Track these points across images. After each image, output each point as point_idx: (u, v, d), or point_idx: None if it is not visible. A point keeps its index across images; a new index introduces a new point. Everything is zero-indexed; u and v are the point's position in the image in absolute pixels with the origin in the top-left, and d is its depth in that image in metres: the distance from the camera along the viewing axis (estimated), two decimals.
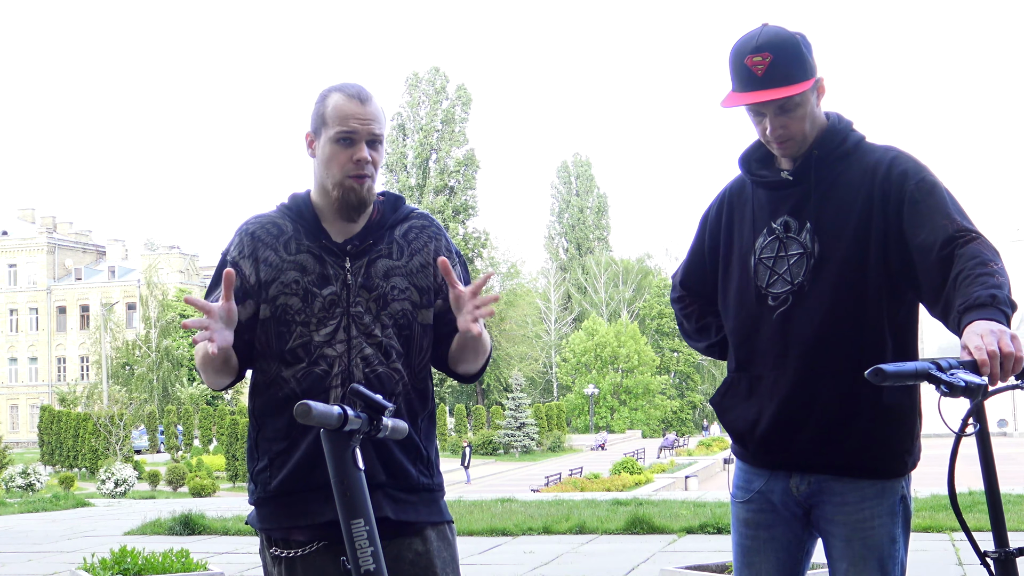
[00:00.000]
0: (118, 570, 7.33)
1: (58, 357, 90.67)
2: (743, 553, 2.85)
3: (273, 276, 2.71)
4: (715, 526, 11.08)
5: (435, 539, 2.72)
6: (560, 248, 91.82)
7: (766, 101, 2.64)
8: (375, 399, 2.32)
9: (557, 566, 9.34)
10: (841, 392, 2.66)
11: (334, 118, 2.67)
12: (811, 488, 2.74)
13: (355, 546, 2.27)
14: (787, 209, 2.75)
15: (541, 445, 56.51)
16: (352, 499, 2.28)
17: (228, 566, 9.41)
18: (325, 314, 2.68)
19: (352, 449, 2.28)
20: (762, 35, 2.66)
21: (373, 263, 2.72)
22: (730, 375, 2.87)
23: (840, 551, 2.72)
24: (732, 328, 2.84)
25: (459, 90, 75.04)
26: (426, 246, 2.78)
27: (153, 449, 53.74)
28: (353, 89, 2.70)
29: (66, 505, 19.87)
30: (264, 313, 2.72)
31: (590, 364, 74.74)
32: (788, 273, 2.72)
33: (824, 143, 2.73)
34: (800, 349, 2.69)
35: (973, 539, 2.39)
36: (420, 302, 2.74)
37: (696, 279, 2.98)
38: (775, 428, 2.72)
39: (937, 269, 2.53)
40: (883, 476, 2.71)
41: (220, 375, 2.72)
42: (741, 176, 2.89)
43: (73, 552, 11.03)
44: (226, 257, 2.79)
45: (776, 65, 2.63)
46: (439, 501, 2.78)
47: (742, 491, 2.86)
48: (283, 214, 2.79)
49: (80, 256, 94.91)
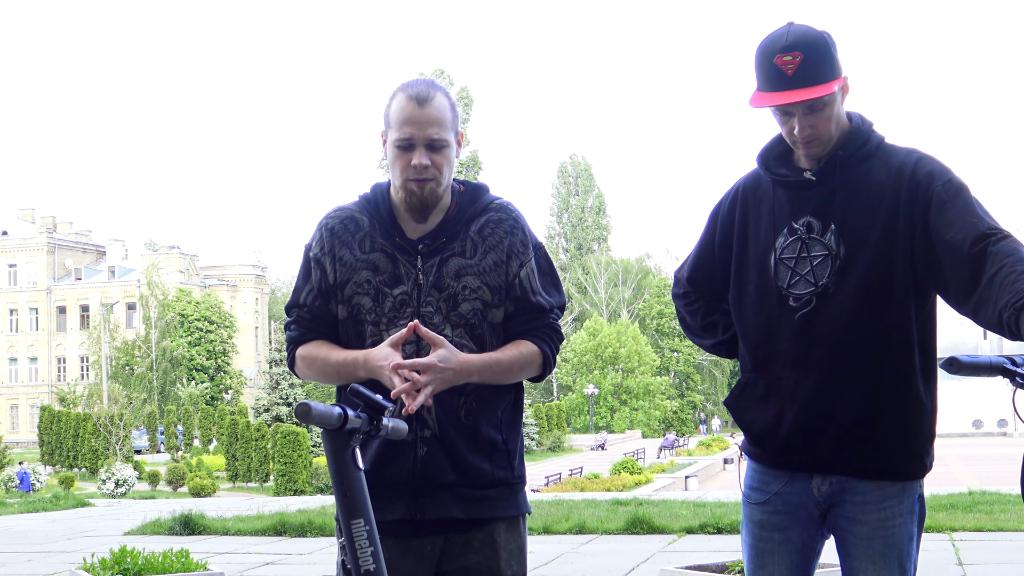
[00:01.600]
0: (118, 570, 7.32)
1: (58, 357, 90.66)
2: (756, 554, 2.83)
3: (347, 276, 2.74)
4: (715, 526, 11.07)
5: (504, 530, 2.72)
6: (560, 248, 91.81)
7: (797, 101, 2.60)
8: (375, 399, 2.31)
9: (557, 566, 9.33)
10: (866, 394, 2.66)
11: (395, 121, 2.66)
12: (832, 488, 2.73)
13: (355, 546, 2.27)
14: (810, 210, 2.72)
15: (541, 445, 56.47)
16: (352, 499, 2.28)
17: (228, 566, 9.39)
18: (395, 314, 2.69)
19: (352, 449, 2.28)
20: (791, 34, 2.63)
21: (445, 262, 2.71)
22: (746, 375, 2.84)
23: (860, 549, 2.71)
24: (750, 328, 2.80)
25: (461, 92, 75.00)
26: (501, 242, 2.75)
27: (153, 449, 53.77)
28: (415, 89, 2.66)
29: (66, 505, 19.86)
30: (342, 313, 2.75)
31: (591, 364, 74.72)
32: (811, 274, 2.69)
33: (848, 144, 2.71)
34: (824, 351, 2.67)
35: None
36: (491, 301, 2.73)
37: (704, 275, 2.94)
38: (798, 430, 2.71)
39: (968, 266, 2.52)
40: (904, 477, 2.72)
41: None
42: (755, 172, 2.86)
43: (73, 552, 11.02)
44: (309, 252, 2.81)
45: (806, 64, 2.60)
46: (519, 494, 2.77)
47: (758, 492, 2.83)
48: (362, 207, 2.79)
49: (80, 256, 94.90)
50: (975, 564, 8.57)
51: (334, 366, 2.71)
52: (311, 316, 2.77)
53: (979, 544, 9.64)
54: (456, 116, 2.71)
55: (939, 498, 13.54)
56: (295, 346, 2.80)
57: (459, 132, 2.72)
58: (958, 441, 56.85)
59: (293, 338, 2.81)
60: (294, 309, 2.81)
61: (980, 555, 8.99)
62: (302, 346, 2.78)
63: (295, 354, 2.81)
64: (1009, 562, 8.43)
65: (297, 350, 2.80)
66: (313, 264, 2.79)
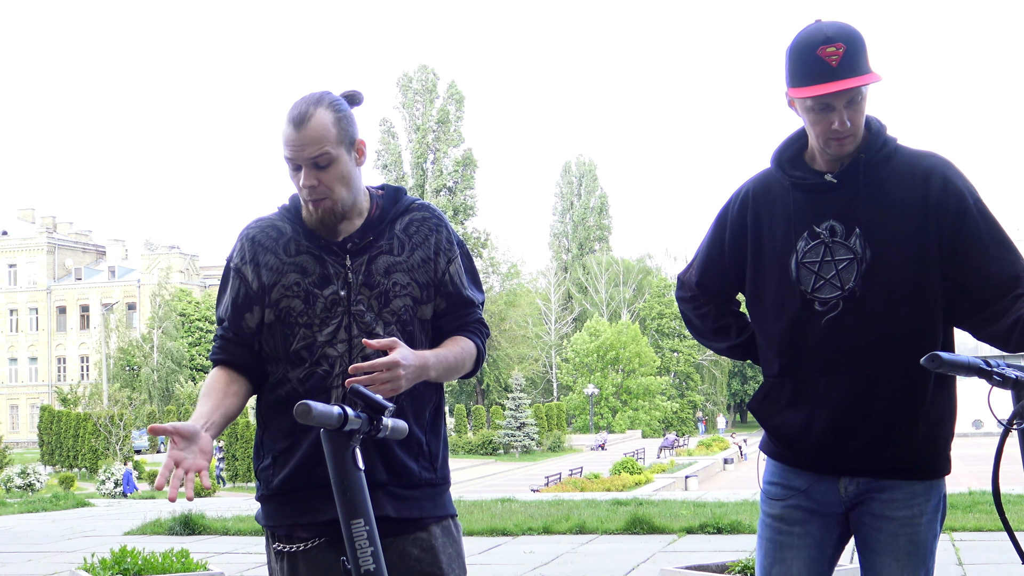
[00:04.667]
0: (118, 570, 7.32)
1: (58, 357, 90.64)
2: (775, 547, 2.80)
3: (274, 280, 2.71)
4: (715, 526, 11.07)
5: (440, 534, 2.72)
6: (562, 248, 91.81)
7: (846, 90, 2.57)
8: (375, 399, 2.31)
9: (557, 566, 9.34)
10: (899, 396, 2.66)
11: (281, 143, 2.67)
12: (860, 488, 2.73)
13: (355, 546, 2.27)
14: (833, 213, 2.70)
15: (541, 445, 56.49)
16: (352, 499, 2.27)
17: (228, 566, 9.40)
18: (327, 314, 2.68)
19: (352, 449, 2.28)
20: (830, 27, 2.61)
21: (374, 260, 2.71)
22: (770, 379, 2.82)
23: (885, 546, 2.71)
24: (772, 332, 2.78)
25: (450, 88, 74.92)
26: (427, 240, 2.77)
27: (153, 449, 53.73)
28: (295, 111, 2.64)
29: (66, 505, 19.85)
30: (268, 317, 2.72)
31: (592, 365, 74.70)
32: (837, 278, 2.68)
33: (869, 147, 2.70)
34: (854, 355, 2.67)
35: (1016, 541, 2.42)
36: (421, 297, 2.73)
37: (714, 278, 2.92)
38: (830, 434, 2.70)
39: (994, 298, 2.63)
40: (932, 475, 2.74)
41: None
42: (764, 174, 2.84)
43: (73, 552, 11.03)
44: (230, 264, 2.80)
45: (850, 55, 2.58)
46: (443, 496, 2.77)
47: (778, 489, 2.81)
48: (283, 216, 2.79)
49: (80, 256, 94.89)
50: (975, 564, 8.57)
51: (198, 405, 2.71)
52: (232, 334, 2.77)
53: (979, 544, 9.64)
54: (346, 126, 2.66)
55: None
56: (213, 366, 2.80)
57: (356, 140, 2.69)
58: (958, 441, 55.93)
59: (211, 359, 2.81)
60: (218, 327, 2.83)
61: (980, 555, 8.99)
62: (214, 368, 2.78)
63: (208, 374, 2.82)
64: (1009, 562, 8.41)
65: (211, 371, 2.81)
66: (232, 275, 2.77)
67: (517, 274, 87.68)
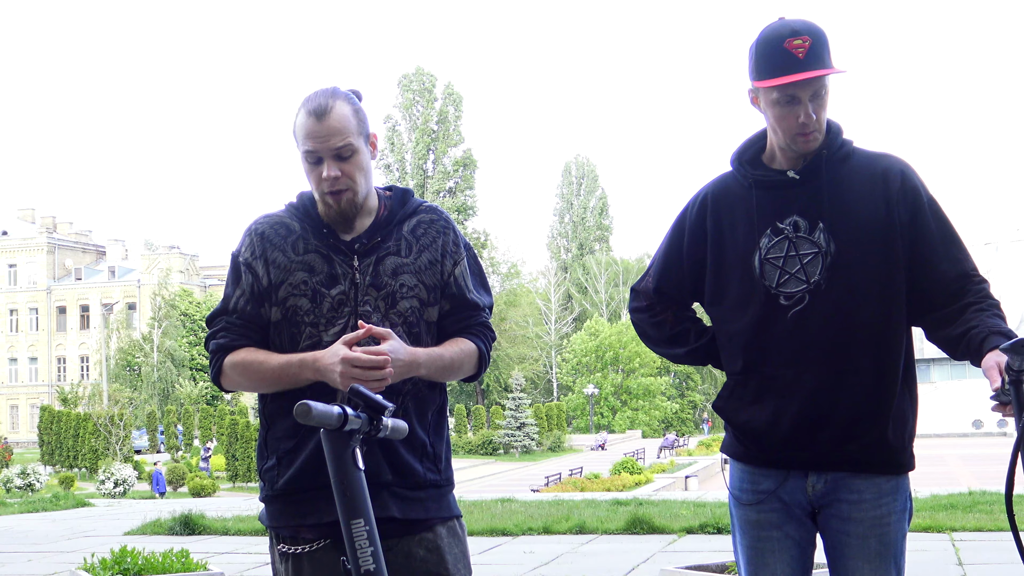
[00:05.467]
0: (118, 570, 7.32)
1: (58, 357, 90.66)
2: (757, 554, 2.81)
3: (282, 278, 2.70)
4: (715, 526, 11.07)
5: (445, 535, 2.72)
6: (562, 248, 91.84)
7: (806, 81, 2.62)
8: (375, 399, 2.31)
9: (557, 566, 9.34)
10: (866, 389, 2.69)
11: (300, 137, 2.67)
12: (827, 487, 2.74)
13: (355, 546, 2.27)
14: (796, 209, 2.74)
15: (541, 445, 56.48)
16: (352, 499, 2.27)
17: (228, 566, 9.40)
18: (334, 314, 2.67)
19: (352, 449, 2.28)
20: (795, 22, 2.67)
21: (381, 261, 2.71)
22: (734, 377, 2.84)
23: (855, 549, 2.72)
24: (737, 330, 2.80)
25: (447, 89, 74.96)
26: (434, 242, 2.77)
27: (153, 449, 53.72)
28: (314, 103, 2.65)
29: (66, 505, 19.86)
30: (275, 316, 2.71)
31: (591, 365, 74.71)
32: (802, 272, 2.71)
33: (830, 144, 2.76)
34: (821, 348, 2.69)
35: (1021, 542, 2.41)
36: (428, 299, 2.74)
37: (672, 284, 2.95)
38: (798, 427, 2.71)
39: (944, 296, 2.69)
40: (898, 471, 2.75)
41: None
42: (723, 177, 2.89)
43: (73, 552, 11.03)
44: (238, 258, 2.78)
45: (815, 48, 2.64)
46: (448, 496, 2.78)
47: (748, 493, 2.82)
48: (291, 213, 2.78)
49: (80, 256, 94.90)
50: (975, 564, 8.56)
51: (274, 370, 2.64)
52: (242, 322, 2.71)
53: (979, 544, 9.63)
54: (363, 120, 2.70)
55: (939, 498, 13.54)
56: (224, 354, 2.72)
57: (371, 134, 2.72)
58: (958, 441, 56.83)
59: (222, 346, 2.72)
60: (221, 317, 2.75)
61: (980, 555, 8.99)
62: (232, 353, 2.71)
63: (223, 362, 2.72)
64: (1009, 562, 8.41)
65: (226, 358, 2.71)
66: (244, 269, 2.74)
67: (517, 274, 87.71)
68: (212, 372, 2.77)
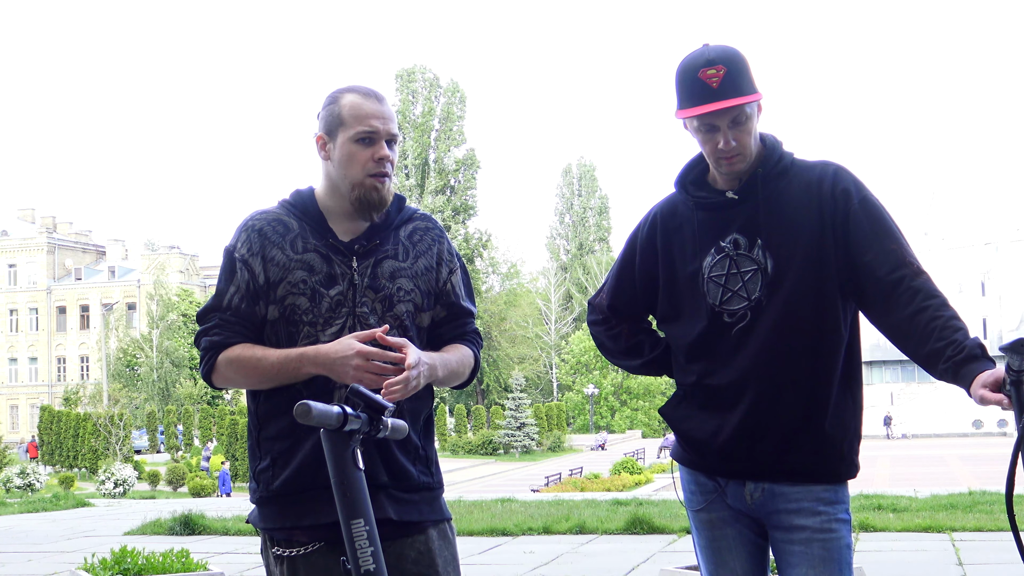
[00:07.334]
0: (118, 570, 7.32)
1: (58, 357, 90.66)
2: (714, 552, 2.88)
3: (281, 276, 2.69)
4: None
5: (436, 538, 2.73)
6: (562, 248, 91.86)
7: (722, 111, 2.67)
8: (375, 399, 2.31)
9: (557, 566, 9.34)
10: (803, 398, 2.73)
11: (353, 118, 2.66)
12: (764, 496, 2.78)
13: (355, 546, 2.27)
14: (735, 228, 2.79)
15: (541, 445, 56.48)
16: (352, 499, 2.27)
17: (228, 566, 9.40)
18: (331, 314, 2.67)
19: (352, 449, 2.28)
20: (712, 50, 2.72)
21: (380, 263, 2.72)
22: (683, 387, 2.90)
23: (800, 556, 2.75)
24: (686, 344, 2.86)
25: (452, 85, 74.83)
26: (430, 249, 2.80)
27: (153, 449, 53.74)
28: (366, 88, 2.70)
29: (66, 505, 19.86)
30: (273, 314, 2.69)
31: (591, 365, 74.72)
32: (744, 290, 2.76)
33: (765, 162, 2.80)
34: (762, 362, 2.73)
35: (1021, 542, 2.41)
36: (422, 304, 2.76)
37: (625, 302, 3.01)
38: (738, 438, 2.76)
39: (885, 291, 2.68)
40: (837, 480, 2.78)
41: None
42: (670, 198, 2.94)
43: (73, 552, 11.03)
44: (233, 254, 2.74)
45: (730, 76, 2.68)
46: (439, 499, 2.79)
47: (697, 497, 2.90)
48: (287, 211, 2.77)
49: (80, 256, 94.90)
50: (975, 564, 8.56)
51: (272, 365, 2.61)
52: (236, 319, 2.68)
53: (979, 544, 9.63)
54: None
55: (939, 498, 13.54)
56: (218, 351, 2.67)
57: None
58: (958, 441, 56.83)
59: (215, 343, 2.67)
60: (214, 313, 2.71)
61: (980, 555, 8.98)
62: (227, 350, 2.67)
63: (216, 359, 2.68)
64: (1009, 562, 8.41)
65: (220, 355, 2.67)
66: (240, 265, 2.71)
67: (517, 274, 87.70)
68: (203, 369, 2.73)
